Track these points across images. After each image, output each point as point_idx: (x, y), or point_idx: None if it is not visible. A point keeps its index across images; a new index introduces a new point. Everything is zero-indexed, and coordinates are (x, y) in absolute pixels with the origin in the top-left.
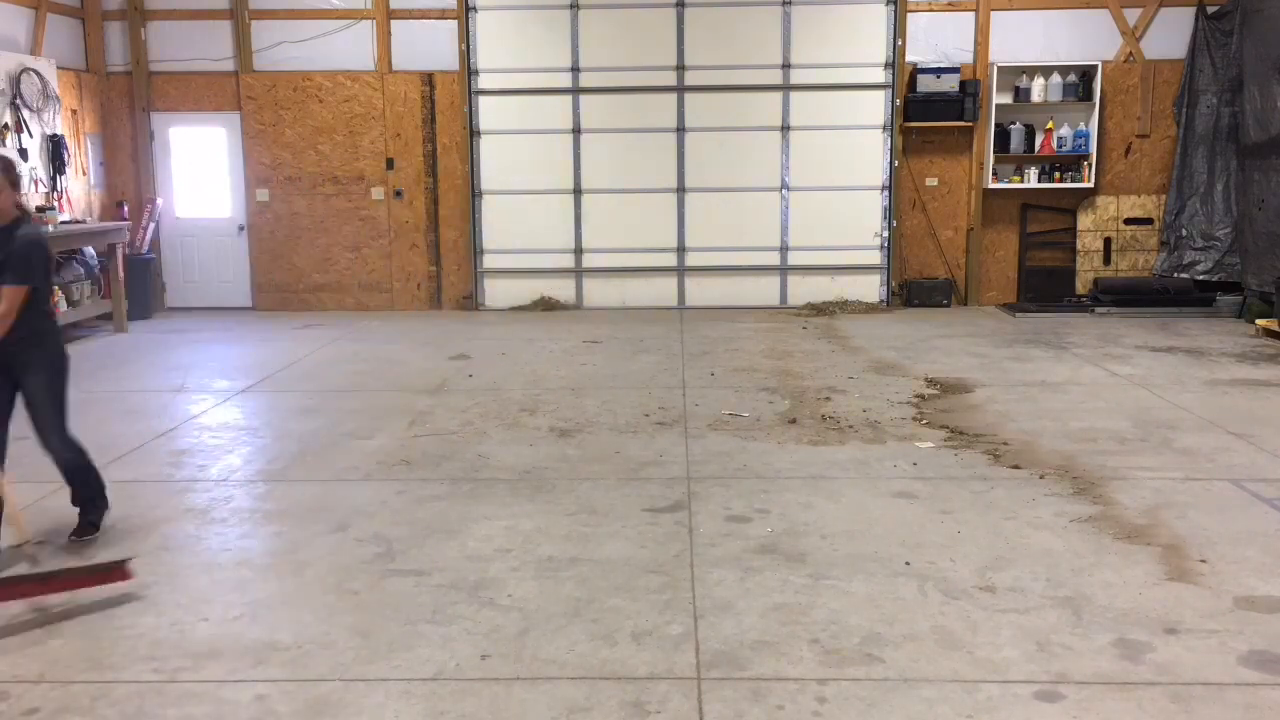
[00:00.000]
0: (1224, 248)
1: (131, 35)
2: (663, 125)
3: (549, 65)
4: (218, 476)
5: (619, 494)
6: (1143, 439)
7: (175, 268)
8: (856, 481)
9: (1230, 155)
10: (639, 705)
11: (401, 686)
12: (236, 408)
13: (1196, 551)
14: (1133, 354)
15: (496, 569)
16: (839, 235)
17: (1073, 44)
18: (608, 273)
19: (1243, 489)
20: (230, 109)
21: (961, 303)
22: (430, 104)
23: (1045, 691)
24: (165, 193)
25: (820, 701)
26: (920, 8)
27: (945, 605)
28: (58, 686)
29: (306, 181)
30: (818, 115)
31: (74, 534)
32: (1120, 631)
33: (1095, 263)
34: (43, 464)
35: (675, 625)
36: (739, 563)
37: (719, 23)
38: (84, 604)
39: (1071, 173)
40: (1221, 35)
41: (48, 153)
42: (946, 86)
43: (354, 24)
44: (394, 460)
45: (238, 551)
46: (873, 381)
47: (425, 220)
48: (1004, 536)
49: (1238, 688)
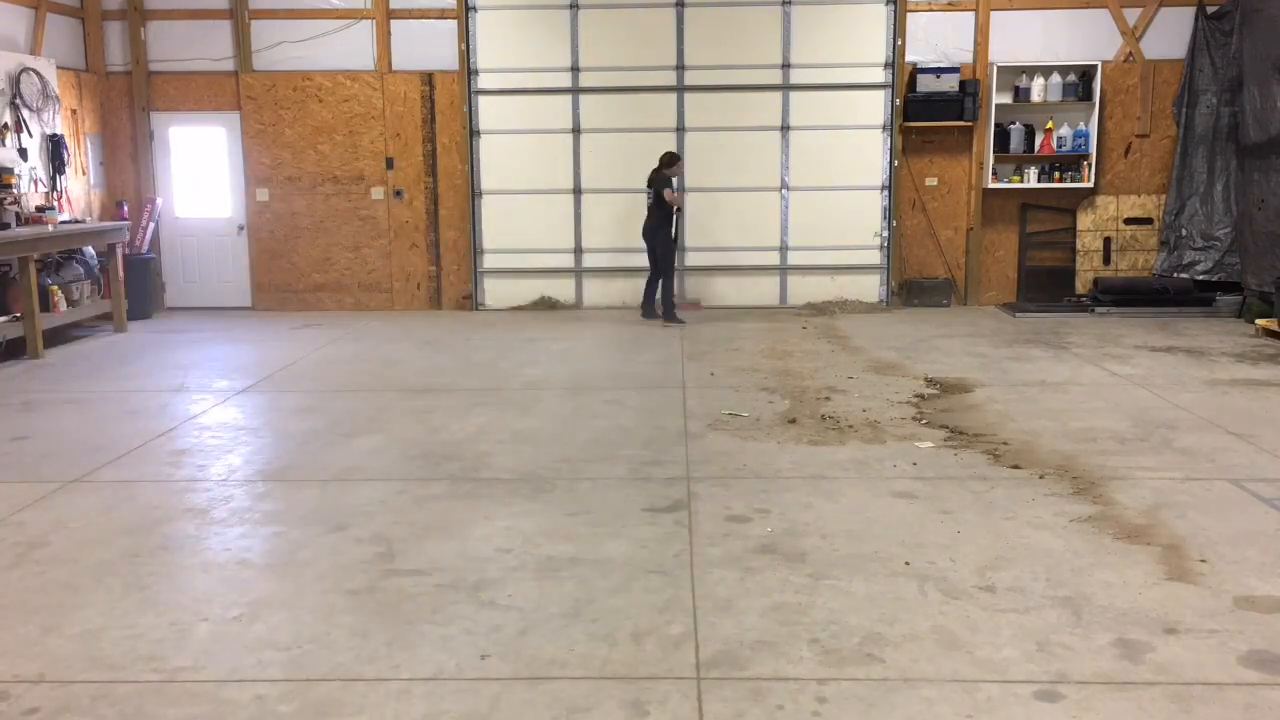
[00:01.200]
0: (1224, 248)
1: (131, 35)
2: (663, 125)
3: (549, 65)
4: (218, 476)
5: (619, 494)
6: (1143, 439)
7: (175, 267)
8: (856, 481)
9: (1230, 155)
10: (639, 705)
11: (401, 686)
12: (236, 408)
13: (1196, 551)
14: (1132, 354)
15: (496, 569)
16: (839, 235)
17: (1072, 44)
18: (608, 273)
19: (1243, 489)
20: (230, 109)
21: (961, 303)
22: (430, 104)
23: (1045, 691)
24: (165, 192)
25: (820, 701)
26: (920, 8)
27: (945, 605)
28: (58, 686)
29: (306, 181)
30: (817, 115)
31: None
32: (1120, 631)
33: (1095, 263)
34: (43, 463)
35: (675, 625)
36: (739, 563)
37: (719, 23)
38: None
39: (1071, 173)
40: (1221, 35)
41: (47, 153)
42: (946, 86)
43: (354, 24)
44: (394, 460)
45: (238, 551)
46: (872, 381)
47: (425, 220)
48: (1004, 536)
49: (1238, 688)
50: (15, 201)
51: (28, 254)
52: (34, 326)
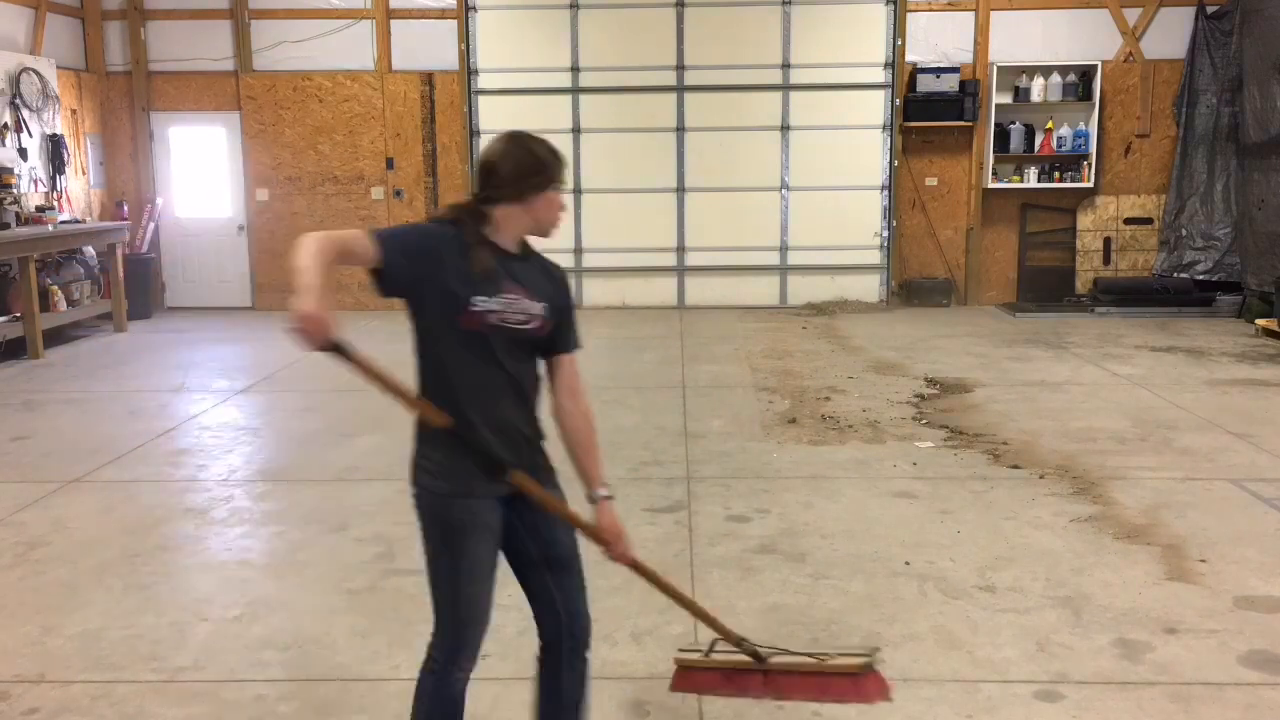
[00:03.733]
0: (1224, 248)
1: (131, 35)
2: (663, 125)
3: (549, 65)
4: (218, 476)
5: (618, 494)
6: (1143, 439)
7: (175, 267)
8: (856, 481)
9: (1230, 155)
10: (639, 705)
11: (401, 686)
12: (236, 408)
13: (1196, 551)
14: (1132, 354)
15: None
16: (839, 235)
17: (1072, 44)
18: (608, 272)
19: (1243, 489)
20: (230, 109)
21: (961, 302)
22: (430, 104)
23: (1045, 691)
24: (165, 192)
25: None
26: (920, 7)
27: (945, 605)
28: (58, 686)
29: (306, 181)
30: (817, 115)
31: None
32: (1120, 631)
33: (1095, 262)
34: (43, 463)
35: (675, 625)
36: (739, 562)
37: (719, 23)
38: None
39: (1071, 172)
40: (1221, 35)
41: (47, 152)
42: (946, 86)
43: (354, 24)
44: (394, 460)
45: (238, 551)
46: (872, 381)
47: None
48: (1004, 536)
49: (1238, 688)
50: (15, 201)
51: (28, 254)
52: (34, 326)
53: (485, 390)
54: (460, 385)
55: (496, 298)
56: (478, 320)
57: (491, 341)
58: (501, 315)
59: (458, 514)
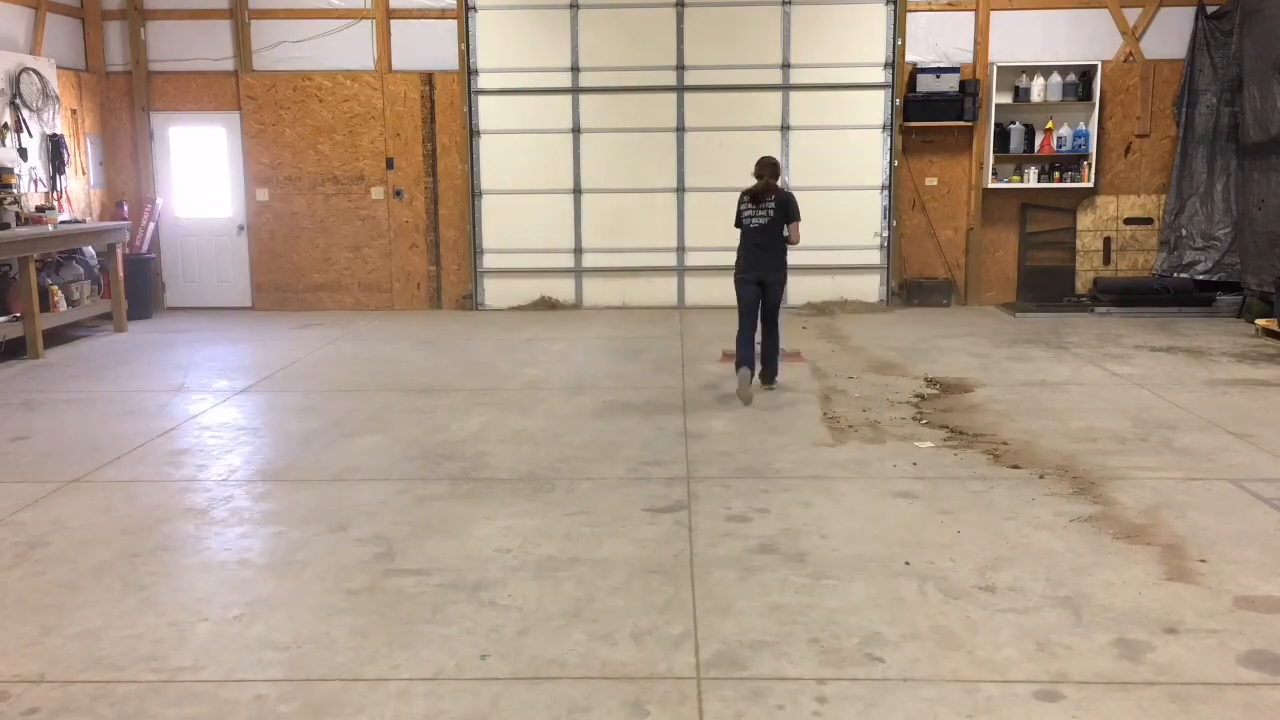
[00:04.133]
0: (1224, 248)
1: (131, 35)
2: (663, 125)
3: (549, 65)
4: (218, 476)
5: (619, 494)
6: (1143, 439)
7: (175, 267)
8: (856, 481)
9: (1230, 155)
10: (639, 705)
11: (401, 686)
12: (236, 408)
13: (1196, 551)
14: (1132, 354)
15: (496, 569)
16: (839, 235)
17: (1072, 44)
18: (608, 272)
19: (1243, 489)
20: (230, 109)
21: (961, 302)
22: (430, 104)
23: (1045, 691)
24: (165, 192)
25: (820, 701)
26: (920, 8)
27: (945, 605)
28: (58, 686)
29: (306, 181)
30: (817, 115)
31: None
32: (1120, 631)
33: (1095, 262)
34: (43, 463)
35: (675, 625)
36: (739, 562)
37: (719, 23)
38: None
39: (1071, 172)
40: (1221, 35)
41: (47, 152)
42: (946, 86)
43: (354, 24)
44: (394, 460)
45: (238, 551)
46: (872, 381)
47: (425, 220)
48: (1004, 536)
49: (1238, 688)
50: (15, 201)
51: (28, 254)
52: (34, 326)
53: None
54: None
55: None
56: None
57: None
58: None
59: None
